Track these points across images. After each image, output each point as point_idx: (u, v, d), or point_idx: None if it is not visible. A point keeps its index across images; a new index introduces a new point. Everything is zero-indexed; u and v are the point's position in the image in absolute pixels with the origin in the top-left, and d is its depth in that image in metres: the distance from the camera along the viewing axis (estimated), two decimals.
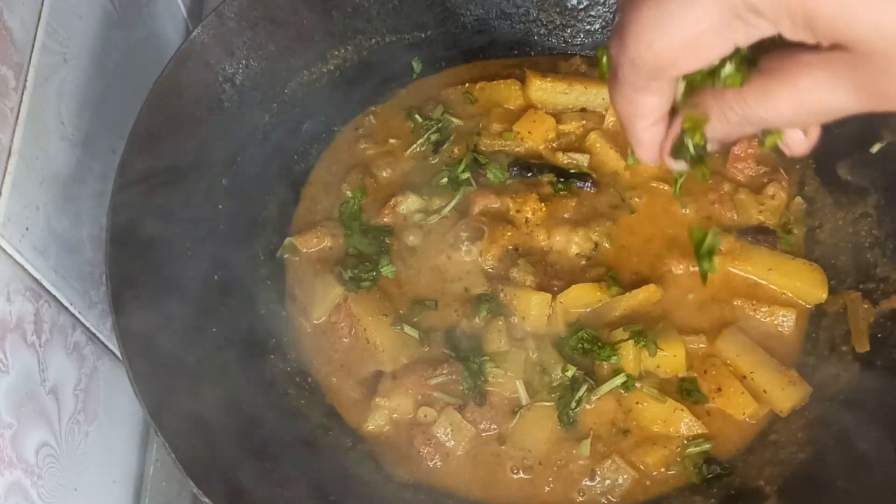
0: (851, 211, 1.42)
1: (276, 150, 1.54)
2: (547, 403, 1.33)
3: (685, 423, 1.30)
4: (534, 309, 1.38)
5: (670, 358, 1.33)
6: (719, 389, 1.33)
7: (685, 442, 1.30)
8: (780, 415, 1.31)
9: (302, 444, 1.31)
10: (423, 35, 1.64)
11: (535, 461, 1.31)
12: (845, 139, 1.41)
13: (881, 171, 1.37)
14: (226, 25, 1.40)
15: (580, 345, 1.35)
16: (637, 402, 1.32)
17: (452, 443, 1.32)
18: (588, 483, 1.29)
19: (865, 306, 1.33)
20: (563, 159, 1.54)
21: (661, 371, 1.34)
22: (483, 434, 1.32)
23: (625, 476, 1.28)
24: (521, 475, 1.31)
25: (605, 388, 1.32)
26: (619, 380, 1.31)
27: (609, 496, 1.28)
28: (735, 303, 1.41)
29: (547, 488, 1.29)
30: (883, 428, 1.21)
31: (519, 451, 1.32)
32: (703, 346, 1.36)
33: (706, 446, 1.30)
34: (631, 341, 1.32)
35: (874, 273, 1.35)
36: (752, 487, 1.26)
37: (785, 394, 1.30)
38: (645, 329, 1.34)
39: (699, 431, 1.30)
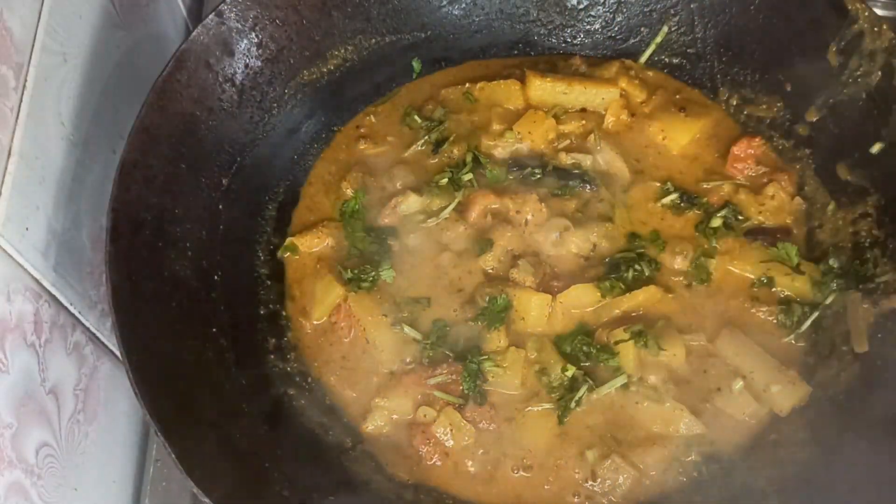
0: (851, 211, 1.42)
1: (276, 149, 1.54)
2: (547, 404, 1.33)
3: (685, 423, 1.30)
4: (534, 309, 1.38)
5: (671, 357, 1.33)
6: (719, 389, 1.33)
7: (685, 441, 1.30)
8: (780, 414, 1.31)
9: (302, 445, 1.31)
10: (423, 35, 1.64)
11: (534, 461, 1.31)
12: (845, 139, 1.42)
13: (881, 171, 1.37)
14: (226, 25, 1.40)
15: (580, 347, 1.35)
16: (637, 402, 1.32)
17: (452, 442, 1.32)
18: (589, 483, 1.29)
19: (865, 306, 1.33)
20: (566, 160, 1.54)
21: (661, 370, 1.35)
22: (483, 433, 1.32)
23: (625, 476, 1.28)
24: (522, 474, 1.31)
25: (606, 388, 1.32)
26: (620, 381, 1.32)
27: (610, 496, 1.28)
28: (734, 302, 1.41)
29: (547, 487, 1.30)
30: (883, 428, 1.21)
31: (519, 450, 1.32)
32: (703, 343, 1.36)
33: (705, 446, 1.30)
34: (631, 342, 1.32)
35: (874, 273, 1.35)
36: (751, 487, 1.26)
37: (785, 394, 1.30)
38: (645, 329, 1.34)
39: (699, 431, 1.30)
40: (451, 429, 1.32)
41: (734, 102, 1.59)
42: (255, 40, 1.45)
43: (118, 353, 1.14)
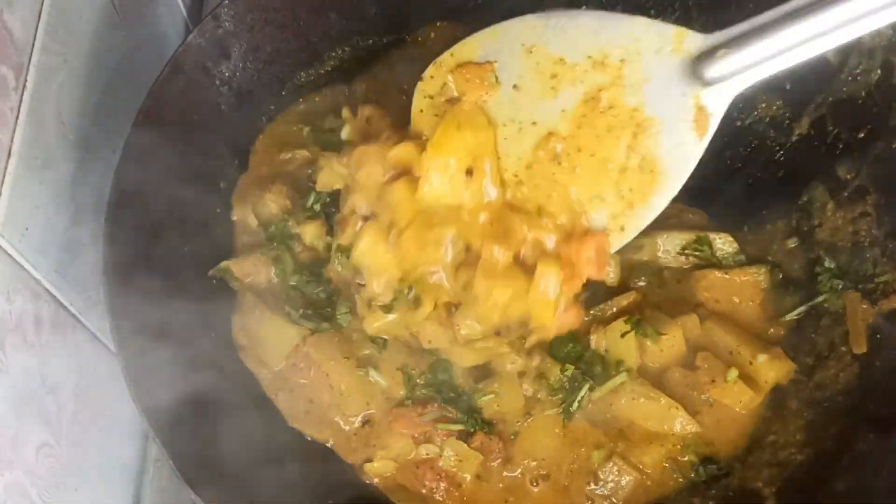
0: (851, 211, 1.41)
1: None
2: (549, 411, 1.33)
3: (679, 421, 1.31)
4: None
5: (671, 339, 1.34)
6: (713, 381, 1.33)
7: (681, 441, 1.31)
8: (765, 386, 1.31)
9: (306, 465, 1.31)
10: (421, 35, 1.64)
11: (549, 469, 1.31)
12: (845, 138, 1.42)
13: (881, 171, 1.37)
14: (223, 28, 1.40)
15: (573, 355, 1.34)
16: (633, 399, 1.32)
17: (463, 472, 1.30)
18: (593, 486, 1.29)
19: (864, 306, 1.33)
20: None
21: (663, 357, 1.35)
22: (492, 456, 1.30)
23: (628, 478, 1.29)
24: (542, 485, 1.30)
25: (608, 386, 1.32)
26: (620, 378, 1.31)
27: (612, 499, 1.29)
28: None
29: (561, 496, 1.29)
30: (882, 428, 1.21)
31: (532, 461, 1.31)
32: (694, 324, 1.37)
33: (702, 447, 1.31)
34: (632, 332, 1.32)
35: (874, 273, 1.35)
36: (750, 489, 1.26)
37: (770, 365, 1.31)
38: (643, 318, 1.34)
39: (693, 430, 1.31)
40: (458, 459, 1.29)
41: None
42: (252, 42, 1.45)
43: None
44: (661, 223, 1.38)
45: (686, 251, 1.46)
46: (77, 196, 1.28)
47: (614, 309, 1.38)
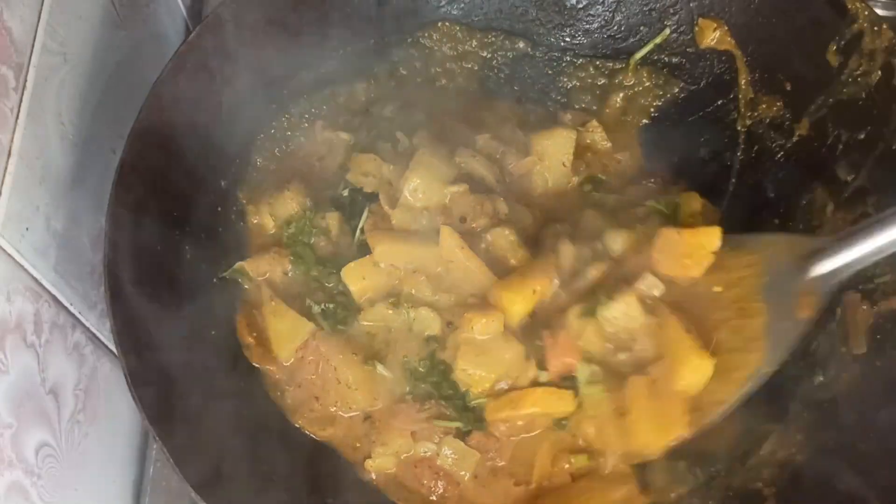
0: (851, 211, 1.41)
1: (275, 152, 1.54)
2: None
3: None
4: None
5: (623, 305, 1.26)
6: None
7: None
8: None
9: (306, 459, 1.31)
10: (422, 35, 1.64)
11: (546, 470, 1.30)
12: (845, 139, 1.42)
13: (881, 172, 1.37)
14: (224, 28, 1.39)
15: None
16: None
17: (461, 470, 1.29)
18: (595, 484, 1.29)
19: (864, 307, 1.33)
20: None
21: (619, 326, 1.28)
22: (489, 454, 1.30)
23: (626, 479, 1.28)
24: (541, 485, 1.29)
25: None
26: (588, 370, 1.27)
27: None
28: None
29: (560, 497, 1.29)
30: (882, 429, 1.21)
31: (528, 461, 1.30)
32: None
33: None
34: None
35: (873, 273, 1.35)
36: (750, 489, 1.26)
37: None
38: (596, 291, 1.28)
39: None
40: (456, 457, 1.29)
41: None
42: (254, 42, 1.44)
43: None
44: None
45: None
46: (77, 196, 1.28)
47: (589, 280, 1.31)
